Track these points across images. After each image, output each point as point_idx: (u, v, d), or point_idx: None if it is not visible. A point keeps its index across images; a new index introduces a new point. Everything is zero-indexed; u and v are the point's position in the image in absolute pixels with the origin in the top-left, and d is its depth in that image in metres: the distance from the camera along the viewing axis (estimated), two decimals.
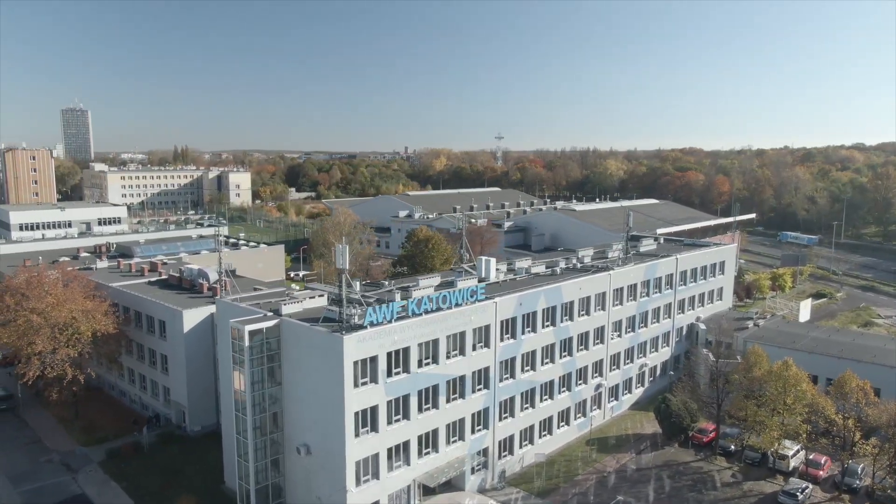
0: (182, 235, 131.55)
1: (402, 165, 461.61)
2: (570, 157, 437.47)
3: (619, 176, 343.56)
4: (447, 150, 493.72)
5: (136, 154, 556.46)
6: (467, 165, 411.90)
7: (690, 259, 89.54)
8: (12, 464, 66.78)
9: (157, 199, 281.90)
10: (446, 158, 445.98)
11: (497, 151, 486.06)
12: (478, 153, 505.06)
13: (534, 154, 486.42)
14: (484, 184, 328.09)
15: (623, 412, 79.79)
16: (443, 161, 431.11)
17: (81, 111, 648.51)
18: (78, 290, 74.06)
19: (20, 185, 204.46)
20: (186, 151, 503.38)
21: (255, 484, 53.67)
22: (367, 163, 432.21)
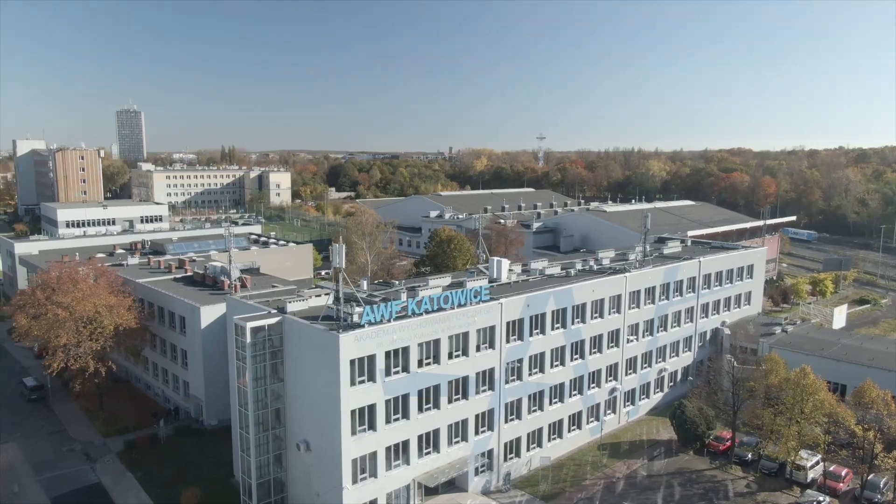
0: (213, 234, 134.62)
1: (442, 166, 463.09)
2: (612, 158, 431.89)
3: (661, 177, 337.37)
4: (488, 151, 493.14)
5: (186, 154, 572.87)
6: (508, 166, 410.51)
7: (715, 262, 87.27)
8: (37, 451, 69.40)
9: (200, 198, 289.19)
10: (487, 159, 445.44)
11: (539, 152, 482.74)
12: (519, 153, 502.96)
13: (576, 154, 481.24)
14: (524, 184, 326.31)
15: (640, 417, 78.29)
16: (483, 161, 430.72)
17: (135, 112, 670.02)
18: (103, 286, 76.48)
19: (69, 184, 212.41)
20: (233, 151, 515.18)
21: (258, 478, 54.55)
22: (407, 163, 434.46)
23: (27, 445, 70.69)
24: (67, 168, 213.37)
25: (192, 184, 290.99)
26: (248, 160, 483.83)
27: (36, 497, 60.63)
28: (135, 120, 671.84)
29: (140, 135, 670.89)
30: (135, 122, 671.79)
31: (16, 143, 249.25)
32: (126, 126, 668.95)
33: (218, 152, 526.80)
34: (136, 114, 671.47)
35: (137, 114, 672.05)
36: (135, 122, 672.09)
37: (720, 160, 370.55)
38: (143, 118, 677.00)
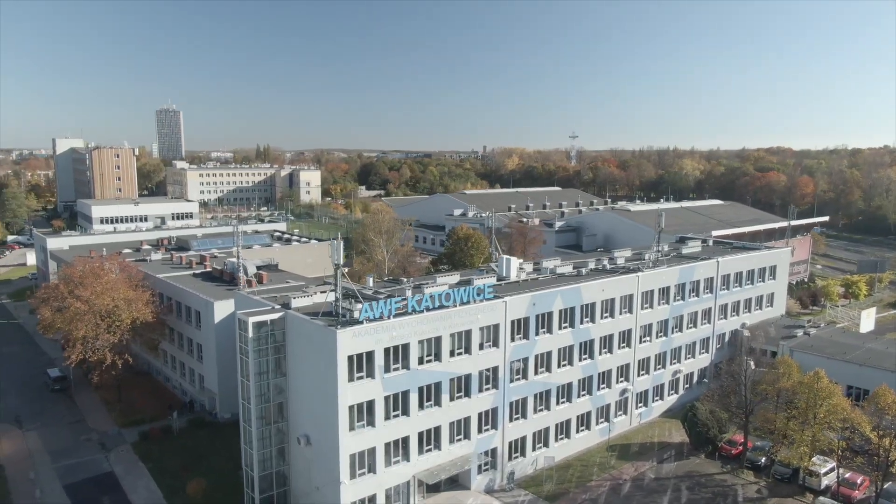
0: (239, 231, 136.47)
1: (474, 165, 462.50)
2: (646, 157, 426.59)
3: (694, 176, 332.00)
4: (520, 150, 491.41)
5: (224, 153, 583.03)
6: (539, 165, 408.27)
7: (734, 262, 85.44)
8: (56, 440, 71.42)
9: (232, 196, 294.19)
10: (518, 158, 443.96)
11: (571, 151, 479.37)
12: (551, 152, 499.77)
13: (609, 153, 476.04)
14: (554, 183, 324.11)
15: (652, 419, 77.10)
16: (515, 160, 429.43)
17: (174, 112, 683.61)
18: (122, 280, 78.32)
19: (105, 181, 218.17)
20: (268, 150, 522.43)
21: (260, 471, 55.31)
22: (438, 162, 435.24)
23: (47, 434, 72.80)
24: (103, 166, 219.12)
25: (224, 182, 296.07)
26: (282, 159, 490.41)
27: (51, 484, 62.40)
28: (174, 119, 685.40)
29: (179, 133, 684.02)
30: (174, 121, 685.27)
31: (55, 141, 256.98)
32: (165, 125, 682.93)
33: (254, 151, 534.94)
34: (175, 113, 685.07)
35: (176, 113, 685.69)
36: (174, 122, 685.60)
37: (757, 159, 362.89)
38: (181, 117, 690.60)
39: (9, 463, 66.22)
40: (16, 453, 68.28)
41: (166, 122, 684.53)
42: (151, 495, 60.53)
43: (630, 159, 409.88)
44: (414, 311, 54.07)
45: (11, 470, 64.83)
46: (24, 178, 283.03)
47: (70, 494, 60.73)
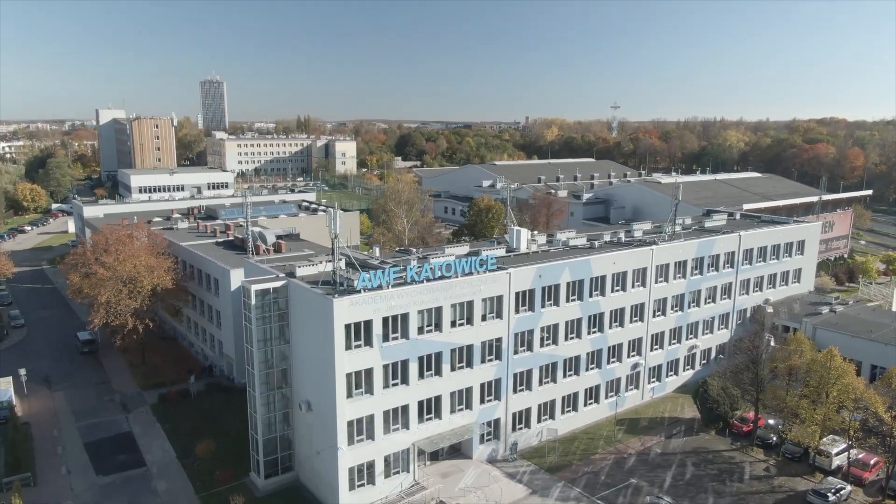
0: (265, 200, 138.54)
1: (513, 136, 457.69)
2: (690, 128, 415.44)
3: (739, 148, 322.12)
4: (560, 121, 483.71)
5: (267, 123, 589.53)
6: (579, 136, 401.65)
7: (758, 237, 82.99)
8: (81, 400, 74.48)
9: (269, 166, 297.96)
10: (558, 129, 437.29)
11: (612, 121, 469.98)
12: (592, 123, 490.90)
13: (651, 124, 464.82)
14: (593, 155, 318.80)
15: (665, 394, 76.22)
16: (554, 131, 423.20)
17: (218, 83, 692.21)
18: (144, 248, 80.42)
19: (145, 151, 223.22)
20: (309, 121, 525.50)
21: (264, 435, 56.71)
22: (476, 133, 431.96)
23: (73, 394, 75.93)
24: (143, 136, 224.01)
25: (261, 152, 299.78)
26: (323, 129, 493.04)
27: (72, 442, 65.25)
28: (217, 90, 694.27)
29: (222, 104, 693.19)
30: (217, 92, 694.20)
31: (99, 112, 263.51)
32: (209, 96, 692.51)
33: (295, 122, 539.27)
34: (219, 84, 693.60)
35: (220, 84, 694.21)
36: (217, 93, 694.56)
37: (806, 130, 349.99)
38: (225, 88, 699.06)
39: (35, 421, 69.39)
40: (43, 412, 71.48)
41: (210, 92, 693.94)
42: (165, 455, 62.78)
43: (673, 130, 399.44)
44: (413, 282, 54.18)
45: (37, 428, 67.94)
46: (71, 149, 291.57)
47: (89, 452, 63.42)
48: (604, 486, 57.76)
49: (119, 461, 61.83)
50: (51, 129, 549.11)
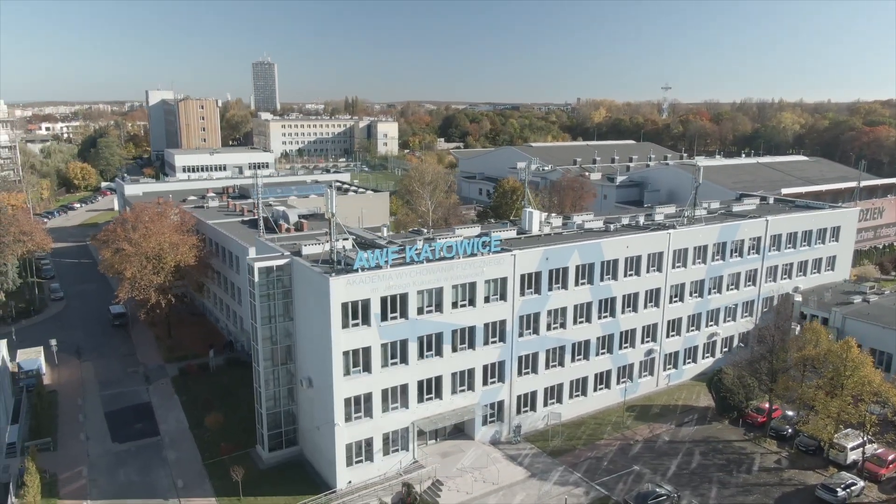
0: (297, 180, 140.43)
1: (559, 117, 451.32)
2: (744, 110, 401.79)
3: (794, 130, 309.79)
4: (609, 102, 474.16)
5: (317, 104, 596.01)
6: (627, 118, 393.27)
7: (786, 222, 79.97)
8: (107, 370, 77.46)
9: (312, 147, 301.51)
10: (606, 110, 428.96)
11: (663, 103, 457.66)
12: (642, 105, 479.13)
13: (704, 106, 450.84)
14: (640, 137, 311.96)
15: (682, 382, 74.60)
16: (602, 113, 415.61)
17: (269, 64, 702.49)
18: (169, 226, 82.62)
19: (190, 131, 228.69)
20: (357, 102, 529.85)
21: (268, 409, 57.96)
22: (521, 114, 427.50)
23: (101, 365, 79.01)
24: (189, 117, 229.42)
25: (305, 133, 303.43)
26: (371, 111, 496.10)
27: (94, 410, 68.02)
28: (269, 71, 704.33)
29: (273, 85, 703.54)
30: (269, 73, 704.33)
31: (148, 93, 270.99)
32: (261, 77, 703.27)
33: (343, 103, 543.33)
34: (270, 66, 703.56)
35: (271, 66, 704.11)
36: (269, 74, 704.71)
37: (868, 112, 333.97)
38: (276, 70, 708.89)
39: (62, 389, 72.56)
40: (70, 381, 74.65)
41: (262, 74, 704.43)
42: (179, 425, 64.85)
43: (726, 112, 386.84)
44: (413, 262, 54.18)
45: (63, 396, 71.05)
46: (124, 129, 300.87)
47: (109, 420, 66.02)
48: (605, 472, 57.09)
49: (135, 430, 64.17)
50: (111, 111, 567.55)
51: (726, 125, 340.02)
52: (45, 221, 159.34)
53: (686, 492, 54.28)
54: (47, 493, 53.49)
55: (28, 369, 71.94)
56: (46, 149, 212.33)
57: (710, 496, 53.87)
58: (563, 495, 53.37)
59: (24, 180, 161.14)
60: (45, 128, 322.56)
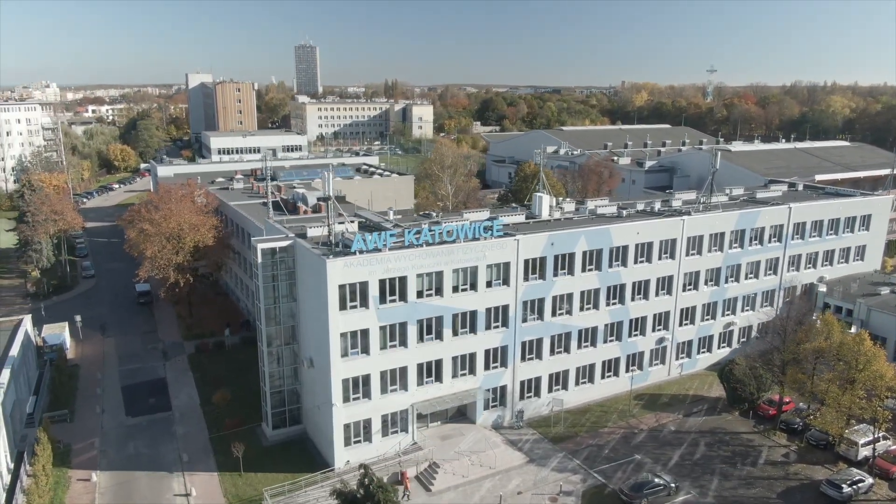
0: (323, 163, 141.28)
1: (600, 101, 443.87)
2: (793, 93, 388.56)
3: (843, 114, 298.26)
4: (651, 85, 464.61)
5: (358, 87, 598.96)
6: (669, 101, 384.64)
7: (812, 209, 77.38)
8: (128, 346, 79.89)
9: (348, 130, 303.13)
10: (648, 93, 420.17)
11: (707, 86, 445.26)
12: (686, 88, 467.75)
13: (750, 89, 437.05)
14: (682, 121, 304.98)
15: (695, 371, 73.19)
16: (644, 96, 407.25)
17: (311, 47, 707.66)
18: (189, 207, 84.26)
19: (227, 114, 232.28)
20: (396, 85, 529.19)
21: (271, 388, 59.02)
22: (560, 97, 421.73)
23: (123, 341, 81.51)
24: (226, 99, 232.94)
25: (341, 116, 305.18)
26: (410, 94, 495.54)
27: (112, 384, 70.31)
28: (310, 55, 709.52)
29: (315, 69, 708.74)
30: (310, 56, 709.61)
31: (188, 76, 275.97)
32: (303, 60, 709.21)
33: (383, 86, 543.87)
34: (312, 49, 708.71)
35: (313, 49, 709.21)
36: (310, 57, 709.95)
37: None
38: (317, 53, 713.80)
39: (84, 363, 75.14)
40: (92, 355, 77.21)
41: (304, 57, 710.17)
42: (190, 401, 66.57)
43: (773, 96, 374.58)
44: (412, 246, 54.19)
45: (84, 370, 73.59)
46: (167, 111, 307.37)
47: (125, 394, 68.17)
48: (605, 460, 56.55)
49: (149, 405, 66.12)
50: (158, 94, 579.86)
51: (772, 109, 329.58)
52: (84, 201, 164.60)
53: (685, 483, 53.43)
54: (60, 462, 55.61)
55: (52, 343, 74.61)
56: (89, 131, 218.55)
57: (710, 488, 52.90)
58: (559, 482, 53.09)
59: (65, 161, 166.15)
60: (92, 110, 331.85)
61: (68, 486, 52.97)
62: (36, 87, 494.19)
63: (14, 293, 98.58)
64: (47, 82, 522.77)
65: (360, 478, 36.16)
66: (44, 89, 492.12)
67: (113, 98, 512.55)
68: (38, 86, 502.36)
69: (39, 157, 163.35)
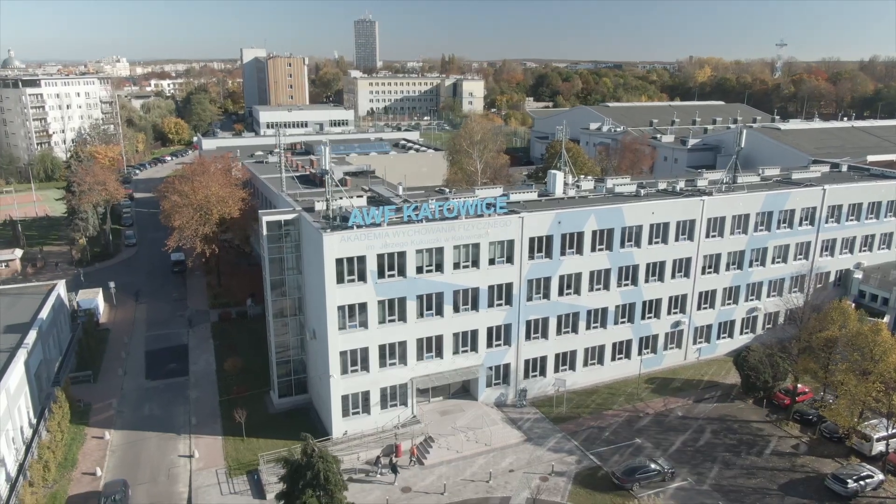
0: (362, 138, 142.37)
1: (661, 76, 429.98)
2: (869, 69, 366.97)
3: None
4: (716, 60, 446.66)
5: (418, 62, 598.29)
6: (733, 77, 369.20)
7: (849, 192, 73.46)
8: (157, 313, 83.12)
9: (399, 105, 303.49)
10: (711, 69, 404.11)
11: (776, 61, 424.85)
12: (753, 63, 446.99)
13: (823, 65, 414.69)
14: (745, 98, 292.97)
15: (714, 357, 71.09)
16: (706, 72, 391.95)
17: (370, 22, 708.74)
18: (217, 179, 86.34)
19: (278, 88, 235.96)
20: (454, 60, 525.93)
21: (277, 358, 60.50)
22: (616, 73, 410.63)
23: (153, 308, 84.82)
24: (277, 74, 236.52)
25: (392, 91, 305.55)
26: (468, 68, 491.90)
27: (137, 349, 73.42)
28: (369, 29, 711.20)
29: (374, 43, 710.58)
30: (369, 31, 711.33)
31: (242, 51, 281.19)
32: (362, 35, 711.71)
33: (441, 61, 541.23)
34: (371, 23, 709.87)
35: (372, 23, 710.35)
36: (369, 32, 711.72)
37: None
38: (377, 27, 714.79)
39: (115, 328, 78.63)
40: (123, 321, 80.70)
41: (363, 32, 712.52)
42: (207, 367, 68.90)
43: (846, 72, 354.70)
44: (411, 221, 54.18)
45: (114, 334, 77.05)
46: (224, 85, 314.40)
47: (147, 358, 71.15)
48: (604, 443, 55.82)
49: (168, 369, 68.80)
50: (221, 68, 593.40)
51: (844, 86, 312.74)
52: (137, 173, 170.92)
53: (683, 469, 52.24)
54: (78, 420, 58.70)
55: (85, 308, 78.26)
56: (146, 104, 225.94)
57: (708, 476, 51.59)
58: (553, 462, 52.75)
59: (120, 134, 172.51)
60: (155, 84, 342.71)
61: (83, 443, 55.86)
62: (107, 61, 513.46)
63: (61, 259, 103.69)
64: (118, 57, 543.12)
65: (303, 447, 36.81)
66: (114, 64, 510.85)
67: (179, 73, 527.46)
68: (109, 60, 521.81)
69: (97, 130, 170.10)
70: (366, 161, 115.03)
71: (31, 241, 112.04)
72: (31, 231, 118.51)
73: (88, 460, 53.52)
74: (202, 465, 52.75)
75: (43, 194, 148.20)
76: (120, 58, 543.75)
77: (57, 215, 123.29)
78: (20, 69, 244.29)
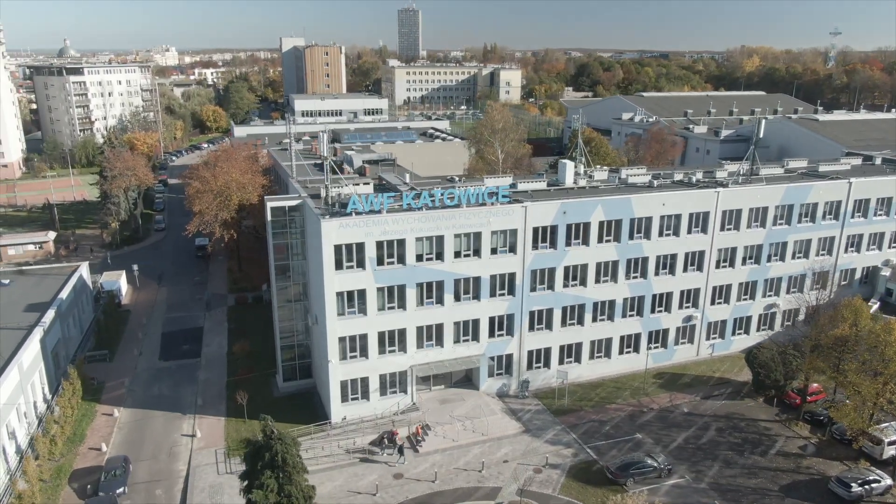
0: (388, 126, 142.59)
1: (708, 66, 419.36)
2: None
3: None
4: (765, 49, 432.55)
5: (460, 52, 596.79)
6: (783, 67, 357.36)
7: (876, 185, 70.51)
8: (176, 295, 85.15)
9: (435, 94, 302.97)
10: (760, 59, 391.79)
11: (830, 50, 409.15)
12: (805, 53, 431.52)
13: (878, 54, 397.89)
14: (794, 89, 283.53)
15: (727, 353, 69.26)
16: (755, 61, 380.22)
17: (413, 11, 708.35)
18: (237, 166, 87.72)
19: (315, 77, 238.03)
20: (495, 48, 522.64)
21: (281, 342, 61.33)
22: (659, 63, 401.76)
23: (174, 290, 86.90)
24: (314, 63, 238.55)
25: (429, 80, 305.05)
26: (511, 57, 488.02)
27: (154, 330, 75.38)
28: (413, 18, 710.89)
29: (417, 33, 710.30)
30: (413, 20, 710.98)
31: (282, 40, 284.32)
32: (405, 24, 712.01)
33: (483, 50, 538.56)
34: (414, 12, 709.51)
35: (415, 12, 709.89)
36: (413, 21, 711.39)
37: None
38: (420, 16, 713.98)
39: (135, 309, 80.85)
40: (144, 302, 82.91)
41: (406, 21, 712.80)
42: (219, 350, 70.32)
43: None
44: (410, 209, 54.11)
45: (134, 315, 79.25)
46: (265, 74, 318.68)
47: (163, 339, 73.01)
48: (603, 437, 55.04)
49: (182, 350, 70.48)
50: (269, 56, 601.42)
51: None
52: (174, 159, 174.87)
53: (682, 466, 51.16)
54: (91, 397, 60.67)
55: (108, 289, 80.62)
56: (187, 92, 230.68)
57: (707, 474, 50.40)
58: (548, 454, 52.26)
59: (159, 121, 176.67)
60: (198, 73, 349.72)
61: (93, 419, 57.71)
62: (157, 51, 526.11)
63: (93, 242, 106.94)
64: (167, 46, 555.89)
65: (262, 428, 37.25)
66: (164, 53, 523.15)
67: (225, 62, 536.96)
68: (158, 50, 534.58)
69: (137, 117, 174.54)
70: (390, 150, 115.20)
71: (66, 224, 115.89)
72: (69, 214, 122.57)
73: (96, 436, 55.26)
74: (203, 444, 53.95)
75: (82, 179, 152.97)
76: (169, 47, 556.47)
77: (93, 200, 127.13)
78: (74, 58, 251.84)
